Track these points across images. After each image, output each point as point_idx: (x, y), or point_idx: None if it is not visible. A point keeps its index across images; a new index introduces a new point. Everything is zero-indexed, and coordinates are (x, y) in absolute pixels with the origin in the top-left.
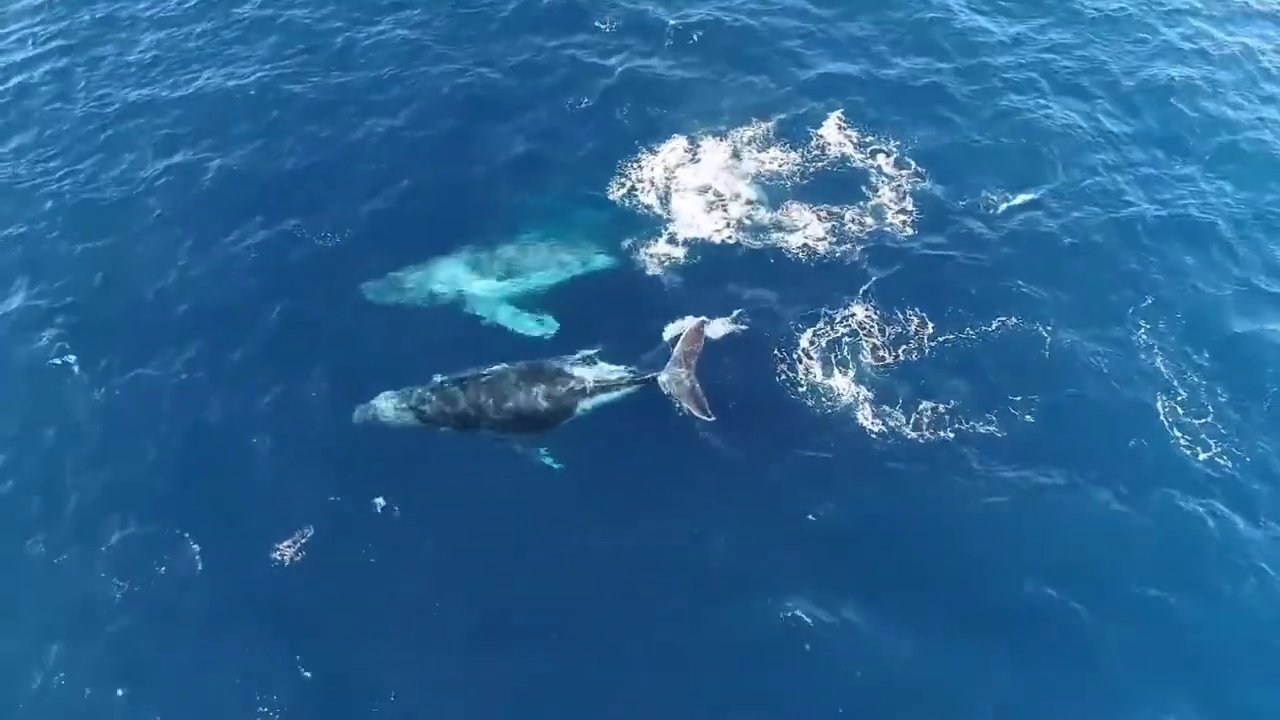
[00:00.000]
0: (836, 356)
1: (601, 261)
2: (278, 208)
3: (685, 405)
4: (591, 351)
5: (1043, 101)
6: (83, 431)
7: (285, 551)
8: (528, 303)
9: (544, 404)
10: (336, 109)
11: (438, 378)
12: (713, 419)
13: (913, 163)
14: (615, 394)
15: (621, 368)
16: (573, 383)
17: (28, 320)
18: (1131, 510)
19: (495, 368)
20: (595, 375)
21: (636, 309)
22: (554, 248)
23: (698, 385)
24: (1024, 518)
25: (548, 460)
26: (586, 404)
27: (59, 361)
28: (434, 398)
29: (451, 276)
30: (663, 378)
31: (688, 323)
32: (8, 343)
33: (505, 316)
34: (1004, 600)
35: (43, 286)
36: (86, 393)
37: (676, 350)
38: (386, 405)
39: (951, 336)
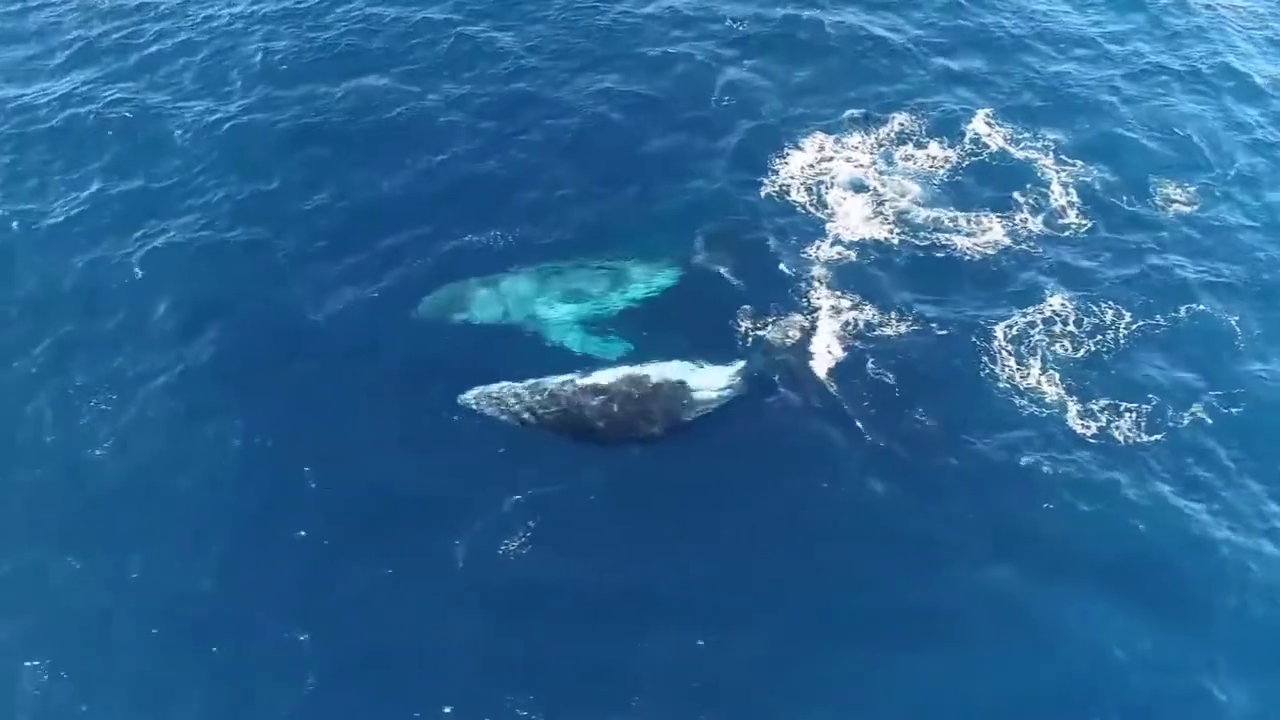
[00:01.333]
0: (1031, 349)
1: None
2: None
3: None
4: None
5: (1202, 88)
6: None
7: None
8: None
9: (658, 412)
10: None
11: (551, 380)
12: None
13: (1071, 159)
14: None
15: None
16: (685, 390)
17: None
18: None
19: (603, 373)
20: (706, 380)
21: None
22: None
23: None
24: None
25: None
26: (698, 409)
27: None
28: (541, 397)
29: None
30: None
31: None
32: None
33: (582, 340)
34: None
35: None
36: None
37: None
38: (498, 395)
39: (1145, 324)
